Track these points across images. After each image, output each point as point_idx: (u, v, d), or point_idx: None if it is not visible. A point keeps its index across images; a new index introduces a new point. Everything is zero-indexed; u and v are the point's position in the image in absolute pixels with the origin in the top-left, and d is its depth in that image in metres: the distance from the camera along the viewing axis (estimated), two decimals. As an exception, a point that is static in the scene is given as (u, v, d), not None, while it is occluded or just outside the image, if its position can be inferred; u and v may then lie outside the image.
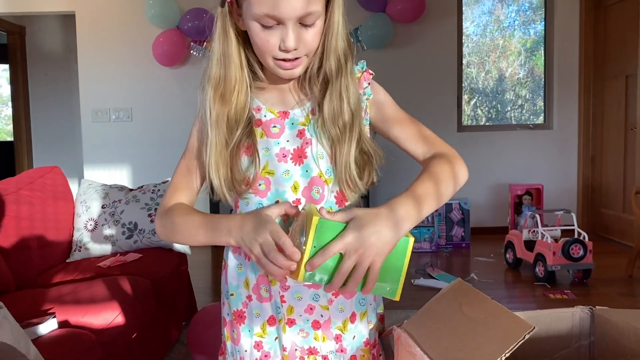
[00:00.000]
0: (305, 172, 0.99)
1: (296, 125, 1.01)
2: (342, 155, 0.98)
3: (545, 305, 3.26)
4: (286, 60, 0.93)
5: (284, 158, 1.00)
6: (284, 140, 1.00)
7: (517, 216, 4.77)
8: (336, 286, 0.83)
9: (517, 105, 6.10)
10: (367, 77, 1.04)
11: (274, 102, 1.04)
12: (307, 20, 0.91)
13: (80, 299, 2.02)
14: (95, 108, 5.20)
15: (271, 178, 0.99)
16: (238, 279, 1.02)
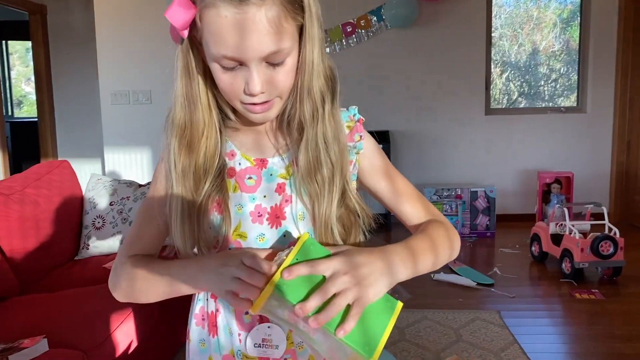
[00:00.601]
0: (282, 236, 0.86)
1: (275, 177, 0.87)
2: (321, 214, 0.84)
3: (570, 306, 3.11)
4: (255, 104, 0.80)
5: (259, 218, 0.86)
6: (260, 196, 0.87)
7: (545, 205, 4.57)
8: (309, 307, 0.67)
9: (551, 79, 5.83)
10: (359, 128, 0.91)
11: (250, 146, 0.90)
12: (275, 59, 0.76)
13: (75, 312, 1.97)
14: (114, 90, 5.15)
15: (243, 242, 0.86)
16: (201, 357, 0.91)
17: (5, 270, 2.23)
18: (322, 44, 0.82)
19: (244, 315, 0.86)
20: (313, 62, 0.81)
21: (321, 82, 0.83)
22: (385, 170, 0.94)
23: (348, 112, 0.93)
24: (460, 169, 5.07)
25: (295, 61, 0.80)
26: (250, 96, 0.78)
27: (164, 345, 2.38)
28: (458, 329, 2.77)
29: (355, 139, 0.91)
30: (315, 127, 0.83)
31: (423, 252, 0.83)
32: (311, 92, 0.82)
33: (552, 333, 2.83)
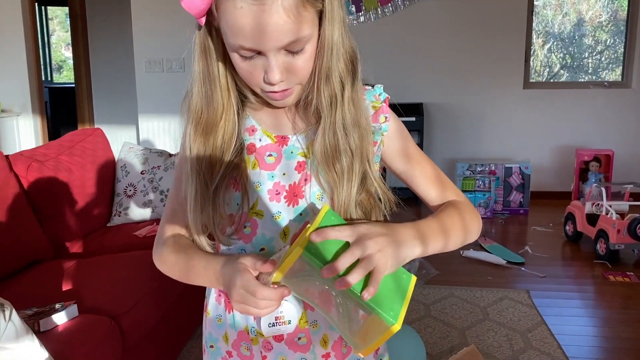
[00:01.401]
0: (299, 215, 0.84)
1: (295, 155, 0.85)
2: (340, 201, 0.81)
3: (603, 288, 3.04)
4: (275, 92, 0.78)
5: (277, 196, 0.84)
6: (279, 174, 0.85)
7: (582, 184, 4.45)
8: (339, 267, 0.68)
9: (596, 51, 5.61)
10: (385, 109, 0.88)
11: (271, 124, 0.87)
12: (294, 47, 0.74)
13: (106, 278, 2.02)
14: (148, 58, 5.17)
15: (259, 220, 0.84)
16: (217, 331, 0.91)
17: (40, 236, 2.30)
18: (343, 24, 0.78)
19: None
20: (332, 45, 0.77)
21: (341, 66, 0.80)
22: (406, 153, 0.91)
23: (373, 90, 0.89)
24: (494, 144, 4.96)
25: (315, 46, 0.77)
26: (269, 85, 0.77)
27: (189, 314, 2.43)
28: (485, 307, 2.74)
29: (380, 120, 0.87)
30: (333, 116, 0.80)
31: (432, 234, 0.81)
32: (330, 78, 0.79)
33: (583, 315, 2.78)
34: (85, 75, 6.30)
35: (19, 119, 5.30)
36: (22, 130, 5.30)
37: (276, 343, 0.86)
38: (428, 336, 2.46)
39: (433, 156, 5.01)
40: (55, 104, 7.59)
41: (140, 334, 1.91)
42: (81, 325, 1.65)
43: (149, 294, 2.02)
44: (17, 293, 1.88)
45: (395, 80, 4.84)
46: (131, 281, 2.01)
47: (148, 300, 2.00)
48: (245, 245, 0.85)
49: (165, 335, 2.17)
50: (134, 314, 1.87)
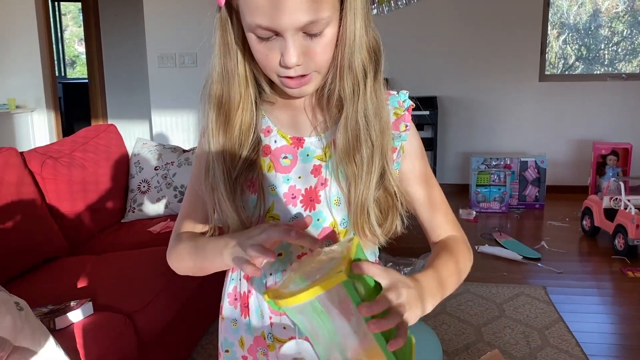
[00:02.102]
0: (316, 220, 0.82)
1: (311, 158, 0.83)
2: (357, 196, 0.79)
3: (621, 284, 3.00)
4: (291, 77, 0.75)
5: (293, 200, 0.82)
6: (295, 177, 0.83)
7: (599, 178, 4.38)
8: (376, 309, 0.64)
9: (612, 42, 5.51)
10: (407, 117, 0.85)
11: (287, 123, 0.85)
12: (312, 29, 0.71)
13: (120, 275, 2.02)
14: (161, 53, 5.17)
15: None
16: (233, 336, 0.90)
17: (55, 232, 2.30)
18: (366, 12, 0.76)
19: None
20: (355, 34, 0.75)
21: (364, 55, 0.77)
22: (421, 173, 0.88)
23: (398, 96, 0.86)
24: (510, 138, 4.91)
25: (335, 32, 0.74)
26: (285, 68, 0.74)
27: (204, 311, 2.42)
28: (501, 304, 2.71)
29: (400, 128, 0.85)
30: (355, 104, 0.77)
31: (451, 280, 0.80)
32: (352, 67, 0.76)
33: (601, 312, 2.74)
34: (98, 70, 6.32)
35: (33, 114, 5.33)
36: (36, 125, 5.34)
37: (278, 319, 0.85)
38: (444, 333, 2.44)
39: (447, 150, 4.96)
40: (69, 100, 7.63)
41: (155, 331, 1.91)
42: (96, 322, 1.65)
43: (164, 291, 2.01)
44: (33, 290, 1.89)
45: (409, 74, 4.80)
46: (145, 278, 2.01)
47: (162, 297, 1.99)
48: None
49: (179, 332, 2.16)
50: (148, 312, 1.86)
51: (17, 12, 5.15)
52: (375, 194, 0.80)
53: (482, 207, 4.37)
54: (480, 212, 4.35)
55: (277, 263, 0.84)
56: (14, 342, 1.24)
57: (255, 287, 0.86)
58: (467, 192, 4.61)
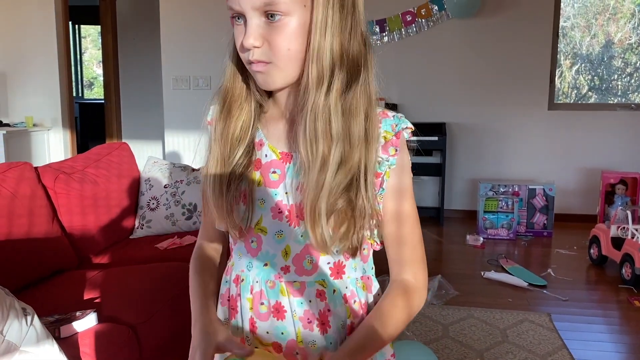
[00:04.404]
0: (299, 236, 0.84)
1: (298, 175, 0.82)
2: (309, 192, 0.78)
3: (628, 314, 2.97)
4: (252, 62, 0.78)
5: (279, 215, 0.84)
6: (282, 192, 0.84)
7: (607, 207, 4.37)
8: None
9: (626, 73, 5.54)
10: (395, 142, 0.83)
11: (278, 137, 0.87)
12: (270, 9, 0.74)
13: (126, 288, 2.05)
14: (176, 75, 5.29)
15: (263, 237, 0.86)
16: None
17: (65, 246, 2.35)
18: (336, 22, 0.76)
19: (259, 305, 0.87)
20: (326, 26, 0.75)
21: (335, 55, 0.76)
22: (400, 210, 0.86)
23: (392, 120, 0.85)
24: (518, 165, 4.92)
25: (301, 27, 0.75)
26: (246, 50, 0.77)
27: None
28: (504, 330, 2.71)
29: (390, 152, 0.84)
30: (318, 96, 0.76)
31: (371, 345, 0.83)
32: (320, 59, 0.76)
33: (606, 341, 2.72)
34: (114, 91, 6.46)
35: (49, 133, 5.45)
36: (52, 143, 5.45)
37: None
38: (445, 357, 2.44)
39: (455, 176, 4.98)
40: (85, 119, 7.80)
41: (158, 343, 1.93)
42: (100, 333, 1.68)
43: (168, 305, 2.04)
44: (41, 300, 1.92)
45: (418, 100, 4.86)
46: (150, 292, 2.04)
47: (166, 311, 2.02)
48: (252, 259, 0.88)
49: (182, 346, 2.18)
50: (151, 324, 1.89)
51: (39, 33, 5.32)
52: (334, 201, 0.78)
53: (490, 233, 4.37)
54: (488, 238, 4.35)
55: (262, 272, 0.87)
56: (20, 347, 1.28)
57: (243, 292, 0.89)
58: (474, 218, 4.62)
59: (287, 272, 0.85)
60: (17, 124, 5.20)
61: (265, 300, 0.86)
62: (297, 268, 0.85)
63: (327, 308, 0.86)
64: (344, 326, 0.87)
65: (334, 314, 0.86)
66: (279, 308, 0.86)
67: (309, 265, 0.85)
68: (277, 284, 0.86)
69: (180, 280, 2.21)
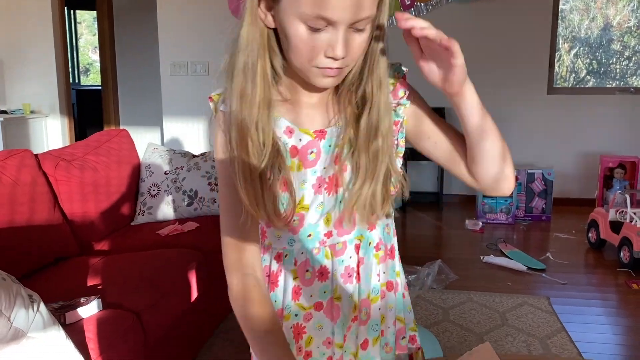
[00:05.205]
0: (338, 202, 0.89)
1: (333, 148, 0.87)
2: (366, 189, 0.85)
3: (626, 297, 3.00)
4: (331, 68, 0.78)
5: (319, 189, 0.89)
6: (320, 168, 0.88)
7: (606, 191, 4.39)
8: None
9: (624, 57, 5.53)
10: (403, 83, 0.90)
11: (305, 119, 0.88)
12: (362, 24, 0.76)
13: (129, 275, 2.06)
14: (173, 61, 5.26)
15: (305, 213, 0.89)
16: None
17: (66, 233, 2.36)
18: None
19: (304, 272, 0.92)
20: (386, 27, 0.81)
21: (385, 46, 0.83)
22: (434, 126, 0.93)
23: (392, 69, 0.90)
24: (517, 149, 4.92)
25: (371, 29, 0.80)
26: (332, 59, 0.77)
27: (211, 313, 2.47)
28: (504, 313, 2.73)
29: (399, 95, 0.89)
30: (378, 96, 0.84)
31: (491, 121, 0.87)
32: (381, 61, 0.83)
33: (604, 323, 2.74)
34: (111, 77, 6.42)
35: (47, 120, 5.43)
36: (50, 130, 5.44)
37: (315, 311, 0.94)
38: (446, 340, 2.46)
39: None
40: (82, 106, 7.75)
41: (162, 329, 1.95)
42: (104, 319, 1.69)
43: (171, 291, 2.06)
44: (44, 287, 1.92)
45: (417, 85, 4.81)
46: (153, 278, 2.05)
47: (170, 297, 2.04)
48: (294, 235, 0.91)
49: (186, 332, 2.21)
50: (155, 310, 1.91)
51: (34, 20, 5.27)
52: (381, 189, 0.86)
53: (489, 218, 4.39)
54: (487, 223, 4.36)
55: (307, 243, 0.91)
56: (27, 333, 1.29)
57: (285, 267, 0.94)
58: (473, 203, 4.63)
59: (330, 236, 0.91)
60: (14, 111, 5.18)
61: (310, 267, 0.92)
62: (338, 231, 0.91)
63: (361, 260, 0.93)
64: (373, 276, 0.95)
65: (366, 264, 0.93)
66: (323, 271, 0.92)
67: (348, 225, 0.91)
68: (322, 249, 0.91)
69: (182, 267, 2.23)
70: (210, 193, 2.79)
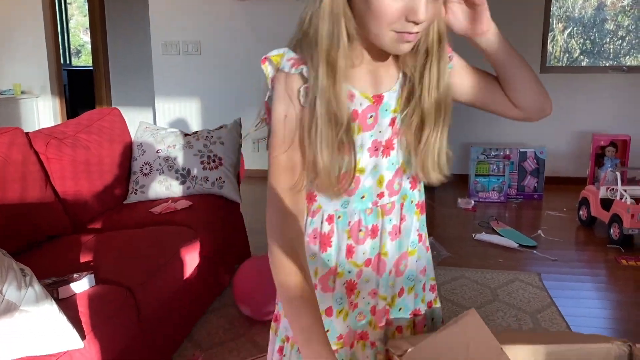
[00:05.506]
0: (391, 164, 0.95)
1: (389, 112, 0.92)
2: (434, 140, 0.92)
3: (615, 272, 3.04)
4: (410, 32, 0.81)
5: (375, 152, 0.93)
6: (376, 132, 0.92)
7: (597, 169, 4.42)
8: None
9: (618, 36, 5.52)
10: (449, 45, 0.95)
11: (365, 83, 0.91)
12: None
13: (122, 252, 2.07)
14: (165, 41, 5.21)
15: (361, 176, 0.93)
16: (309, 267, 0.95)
17: (59, 211, 2.36)
18: None
19: (358, 232, 0.96)
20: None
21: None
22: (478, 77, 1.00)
23: None
24: (509, 128, 4.93)
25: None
26: (412, 23, 0.80)
27: (205, 289, 2.48)
28: (495, 289, 2.76)
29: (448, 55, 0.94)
30: (440, 50, 0.89)
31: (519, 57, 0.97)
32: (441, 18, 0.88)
33: (593, 298, 2.78)
34: (103, 58, 6.36)
35: (38, 100, 5.39)
36: (41, 111, 5.40)
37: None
38: (437, 315, 2.49)
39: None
40: (74, 87, 7.69)
41: (155, 305, 1.97)
42: (98, 294, 1.71)
43: (164, 268, 2.07)
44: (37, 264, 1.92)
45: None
46: (147, 255, 2.06)
47: (163, 273, 2.05)
48: (349, 198, 0.94)
49: (180, 308, 2.22)
50: (148, 286, 1.92)
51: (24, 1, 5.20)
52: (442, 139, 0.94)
53: (481, 196, 4.42)
54: (479, 201, 4.39)
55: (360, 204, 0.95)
56: (20, 306, 1.30)
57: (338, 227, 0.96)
58: (466, 182, 4.65)
59: (381, 197, 0.96)
60: (4, 91, 5.14)
61: (362, 227, 0.96)
62: (390, 191, 0.96)
63: (403, 217, 1.00)
64: (412, 231, 1.02)
65: (407, 221, 1.00)
66: (374, 230, 0.97)
67: (397, 185, 0.97)
68: (374, 209, 0.96)
69: (175, 244, 2.24)
70: (203, 172, 2.79)
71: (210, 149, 2.83)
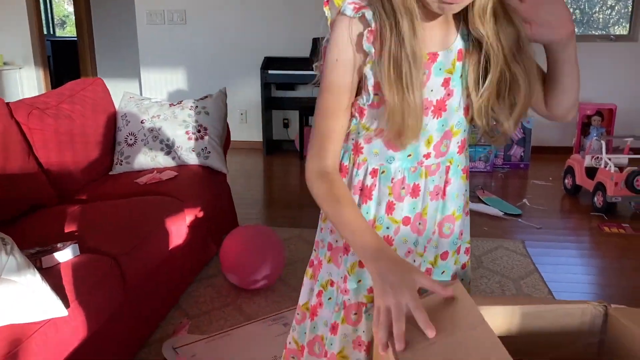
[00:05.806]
0: (441, 126, 0.95)
1: (442, 72, 0.92)
2: (527, 92, 0.93)
3: (598, 239, 3.09)
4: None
5: (425, 111, 0.92)
6: (428, 90, 0.92)
7: (583, 138, 4.44)
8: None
9: (607, 6, 5.49)
10: None
11: (422, 39, 0.89)
12: None
13: (107, 221, 2.07)
14: (149, 10, 5.12)
15: None
16: None
17: (43, 181, 2.34)
18: None
19: (400, 189, 0.98)
20: None
21: None
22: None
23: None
24: (497, 98, 4.93)
25: None
26: None
27: (190, 263, 2.49)
28: (480, 256, 2.80)
29: None
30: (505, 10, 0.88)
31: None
32: None
33: (576, 264, 2.83)
34: (87, 28, 6.25)
35: (21, 71, 5.31)
36: (25, 82, 5.32)
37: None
38: (422, 282, 2.52)
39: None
40: (58, 58, 7.56)
41: (141, 275, 1.97)
42: (82, 263, 1.71)
43: (150, 238, 2.07)
44: (20, 234, 1.93)
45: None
46: (132, 225, 2.06)
47: (148, 243, 2.05)
48: (395, 153, 0.96)
49: (166, 278, 2.23)
50: (134, 256, 1.92)
51: (3, -34, 5.08)
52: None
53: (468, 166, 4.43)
54: (466, 171, 4.40)
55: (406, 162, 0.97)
56: (1, 275, 1.30)
57: (380, 182, 0.98)
58: (453, 151, 4.66)
59: (428, 157, 0.97)
60: (-14, 62, 5.05)
61: (405, 185, 0.98)
62: (436, 153, 0.97)
63: (449, 180, 1.00)
64: (458, 196, 1.03)
65: (452, 185, 1.01)
66: (415, 189, 0.98)
67: (444, 148, 0.97)
68: (419, 169, 0.97)
69: (161, 214, 2.24)
70: (188, 142, 2.77)
71: (195, 119, 2.81)
